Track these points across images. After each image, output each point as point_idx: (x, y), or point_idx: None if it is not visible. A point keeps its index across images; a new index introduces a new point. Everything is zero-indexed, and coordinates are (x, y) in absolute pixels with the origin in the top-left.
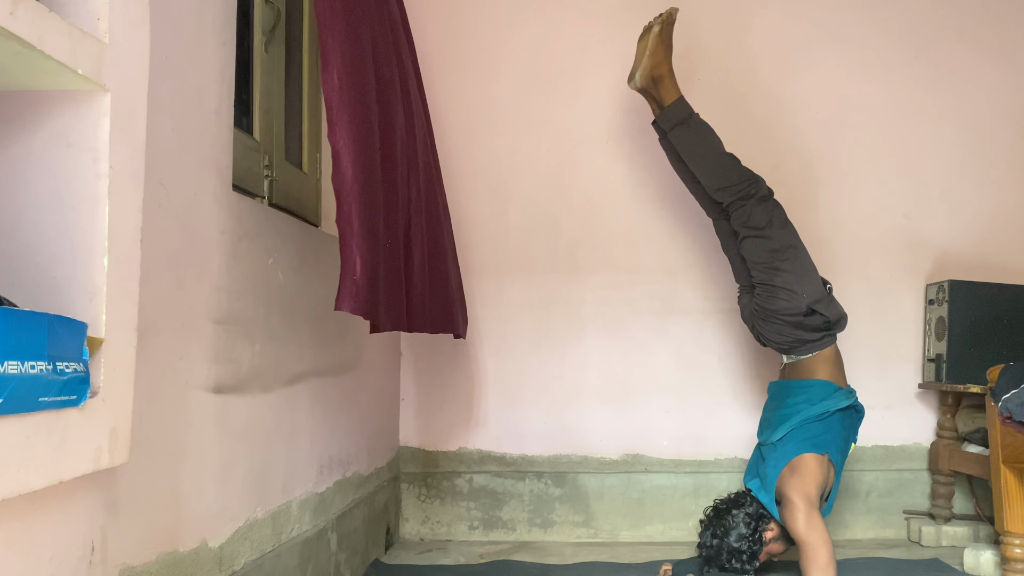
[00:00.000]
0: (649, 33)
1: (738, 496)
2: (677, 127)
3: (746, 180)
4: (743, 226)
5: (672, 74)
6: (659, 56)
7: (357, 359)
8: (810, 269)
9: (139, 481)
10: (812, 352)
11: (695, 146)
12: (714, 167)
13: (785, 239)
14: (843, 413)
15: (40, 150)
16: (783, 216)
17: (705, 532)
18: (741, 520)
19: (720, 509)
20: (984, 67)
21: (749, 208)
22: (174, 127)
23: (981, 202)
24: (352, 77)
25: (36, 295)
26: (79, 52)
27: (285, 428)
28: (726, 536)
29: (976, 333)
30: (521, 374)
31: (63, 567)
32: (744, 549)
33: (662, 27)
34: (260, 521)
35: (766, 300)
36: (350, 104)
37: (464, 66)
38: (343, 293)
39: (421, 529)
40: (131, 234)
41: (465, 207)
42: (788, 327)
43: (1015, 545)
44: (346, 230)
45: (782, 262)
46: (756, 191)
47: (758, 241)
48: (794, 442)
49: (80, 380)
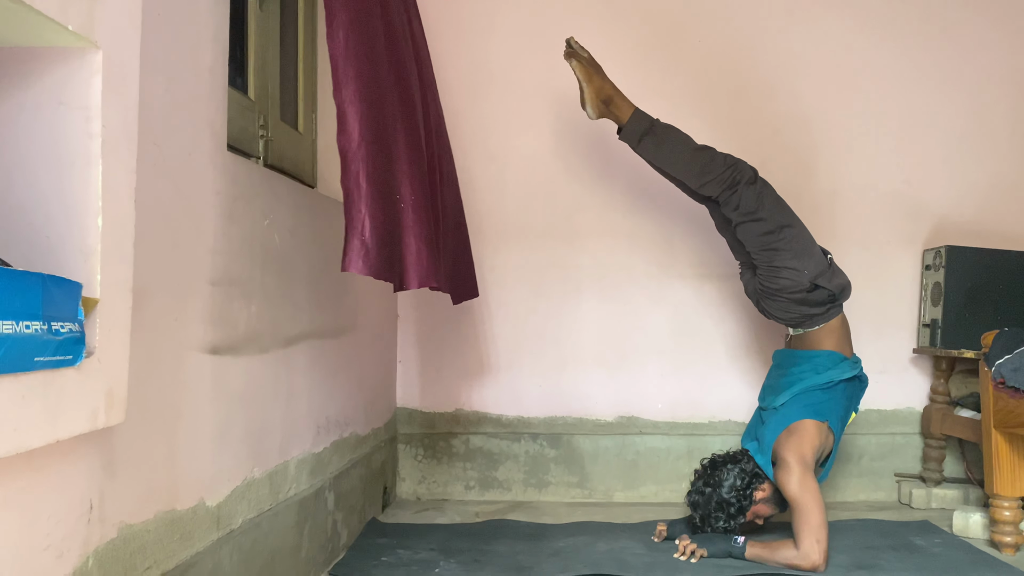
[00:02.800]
0: (572, 65)
1: (736, 453)
2: (643, 139)
3: (727, 168)
4: (735, 212)
5: (617, 90)
6: (595, 81)
7: (354, 321)
8: (809, 244)
9: (136, 441)
10: (819, 325)
11: (666, 153)
12: (691, 167)
13: (780, 218)
14: (847, 383)
15: (31, 109)
16: (773, 194)
17: (698, 481)
18: (736, 474)
19: (717, 461)
20: (987, 33)
21: (738, 195)
22: (167, 86)
23: (980, 168)
24: (359, 33)
25: (30, 255)
26: (69, 8)
27: (282, 389)
28: (719, 487)
29: (972, 299)
30: (518, 337)
31: (62, 525)
32: (733, 502)
33: (577, 59)
34: (257, 481)
35: (769, 280)
36: (357, 61)
37: (463, 27)
38: (351, 255)
39: (418, 489)
40: (125, 194)
41: (462, 170)
42: (793, 304)
43: (1004, 508)
44: (353, 191)
45: (780, 241)
46: (740, 176)
47: (753, 225)
48: (796, 407)
49: (75, 340)
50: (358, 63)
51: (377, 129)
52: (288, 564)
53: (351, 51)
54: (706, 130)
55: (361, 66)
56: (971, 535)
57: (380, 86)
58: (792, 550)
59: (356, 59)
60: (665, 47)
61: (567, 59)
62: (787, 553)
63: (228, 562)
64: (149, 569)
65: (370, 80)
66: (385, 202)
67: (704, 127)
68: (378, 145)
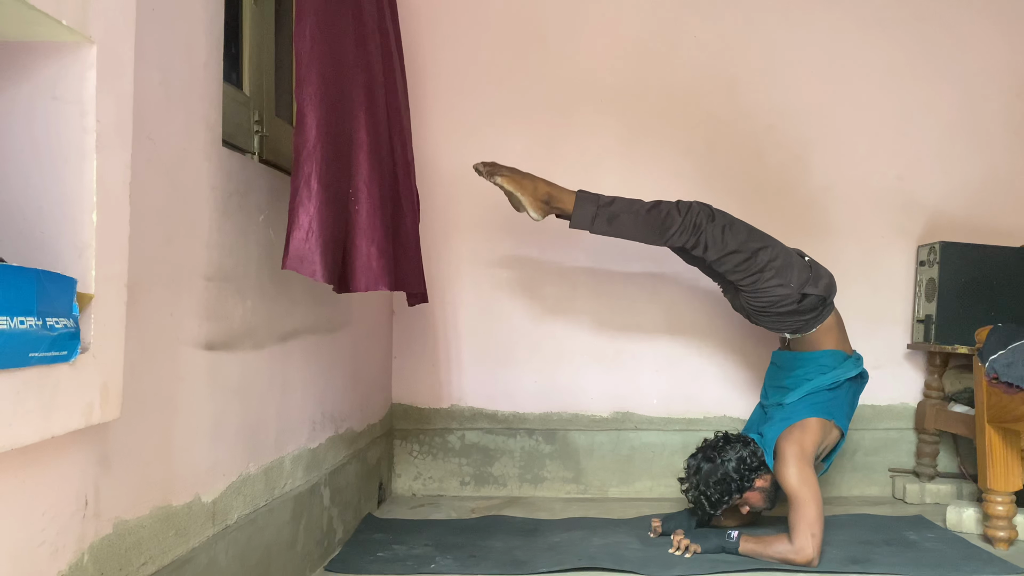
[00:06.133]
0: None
1: (745, 436)
2: (595, 221)
3: (683, 216)
4: (706, 252)
5: (551, 184)
6: (527, 186)
7: (349, 317)
8: (787, 257)
9: (131, 436)
10: (815, 327)
11: (619, 226)
12: (650, 229)
13: (751, 244)
14: (851, 381)
15: (25, 103)
16: (734, 222)
17: (707, 449)
18: (747, 453)
19: (730, 437)
20: (980, 28)
21: (705, 236)
22: (162, 80)
23: (974, 164)
24: (326, 33)
25: (24, 250)
26: (63, 2)
27: (277, 384)
28: (727, 460)
29: (966, 294)
30: (513, 332)
31: (57, 521)
32: (735, 478)
33: (497, 175)
34: (253, 476)
35: (757, 299)
36: (320, 62)
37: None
38: (292, 254)
39: (413, 485)
40: (120, 189)
41: (455, 165)
42: (786, 316)
43: (997, 503)
44: (302, 191)
45: (758, 265)
46: (699, 220)
47: (727, 259)
48: (803, 406)
49: (70, 336)
50: (321, 64)
51: (336, 131)
52: (284, 559)
53: (316, 51)
54: (700, 125)
55: (324, 67)
56: (964, 530)
57: (344, 87)
58: (786, 544)
59: (320, 59)
60: (659, 43)
61: (489, 179)
62: (781, 547)
63: (224, 557)
64: (144, 565)
65: (333, 81)
66: (336, 205)
67: (697, 122)
68: (336, 147)
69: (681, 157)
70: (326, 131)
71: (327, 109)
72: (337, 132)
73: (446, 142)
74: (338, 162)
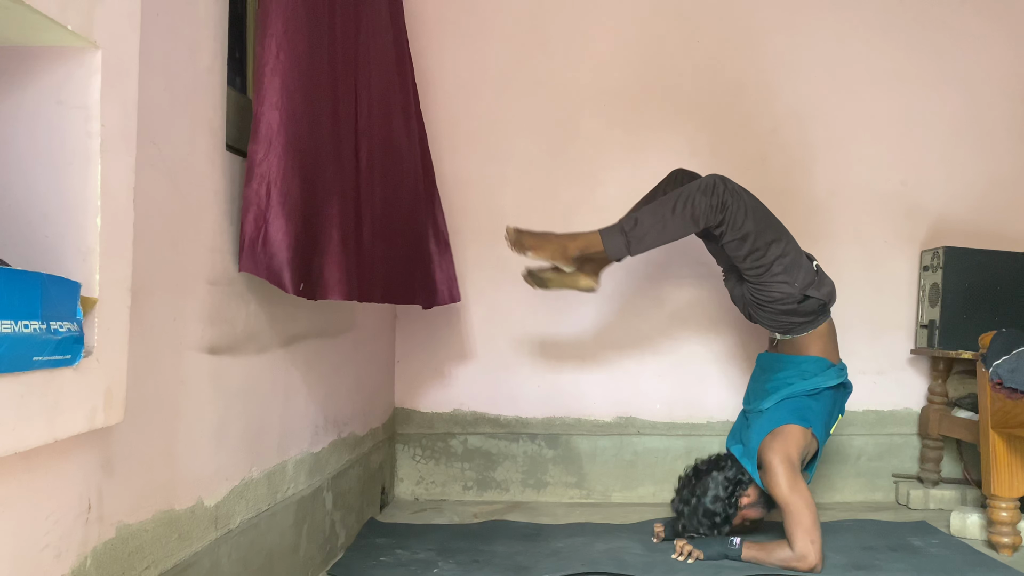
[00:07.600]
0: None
1: (718, 459)
2: (630, 247)
3: (705, 195)
4: (725, 233)
5: (571, 236)
6: (552, 249)
7: (352, 321)
8: (797, 255)
9: (135, 440)
10: (807, 331)
11: (655, 240)
12: (681, 229)
13: (767, 235)
14: (832, 391)
15: (30, 108)
16: (754, 204)
17: (682, 490)
18: (719, 483)
19: (700, 470)
20: (984, 32)
21: (731, 213)
22: (166, 85)
23: (978, 169)
24: (293, 44)
25: (28, 254)
26: (68, 7)
27: (280, 389)
28: (703, 496)
29: (969, 300)
30: (516, 337)
31: (60, 525)
32: (719, 511)
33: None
34: (256, 480)
35: (759, 292)
36: (283, 74)
37: (459, 25)
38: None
39: (416, 489)
40: (124, 194)
41: (460, 169)
42: (783, 314)
43: (1001, 508)
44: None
45: (768, 258)
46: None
47: (740, 243)
48: (781, 411)
49: (74, 340)
50: (284, 76)
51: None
52: (286, 564)
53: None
54: (704, 130)
55: (288, 78)
56: (968, 536)
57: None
58: (788, 551)
59: (284, 72)
60: (663, 45)
61: (520, 252)
62: (783, 554)
63: (226, 562)
64: (147, 569)
65: (296, 94)
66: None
67: (701, 127)
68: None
69: (685, 161)
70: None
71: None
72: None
73: (450, 148)
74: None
